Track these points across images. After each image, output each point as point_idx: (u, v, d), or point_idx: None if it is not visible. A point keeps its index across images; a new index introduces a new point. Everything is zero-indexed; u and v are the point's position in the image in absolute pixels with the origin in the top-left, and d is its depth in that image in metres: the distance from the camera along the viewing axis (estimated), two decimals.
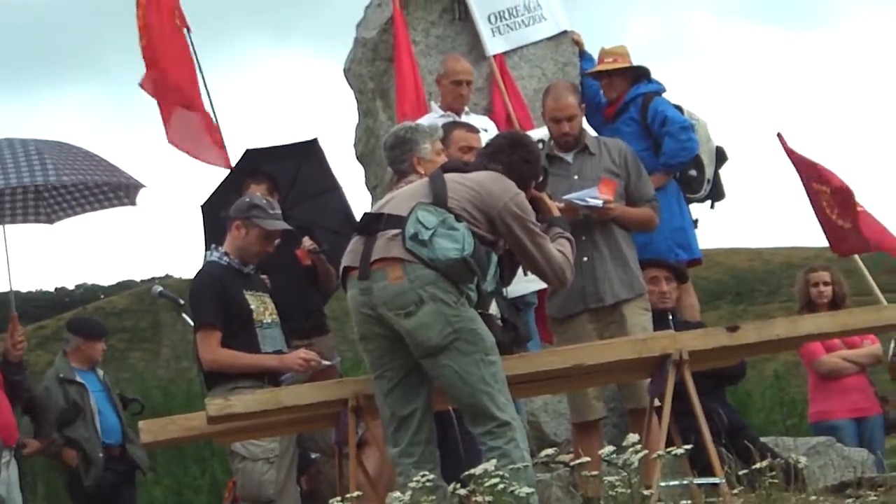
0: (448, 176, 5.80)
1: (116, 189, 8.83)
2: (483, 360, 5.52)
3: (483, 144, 7.18)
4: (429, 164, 6.54)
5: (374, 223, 5.70)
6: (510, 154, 5.98)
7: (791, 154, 9.55)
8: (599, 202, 7.07)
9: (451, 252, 5.46)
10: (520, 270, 6.16)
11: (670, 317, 7.73)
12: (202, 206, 8.67)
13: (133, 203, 8.88)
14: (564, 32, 9.08)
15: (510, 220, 5.71)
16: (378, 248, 5.58)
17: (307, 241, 8.18)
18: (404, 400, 5.65)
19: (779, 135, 9.53)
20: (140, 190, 8.82)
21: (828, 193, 9.23)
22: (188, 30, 9.32)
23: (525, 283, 7.02)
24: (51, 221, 9.05)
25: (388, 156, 6.69)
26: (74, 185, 8.67)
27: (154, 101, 9.31)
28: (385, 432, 5.78)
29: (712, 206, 8.83)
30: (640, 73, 8.68)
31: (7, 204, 8.84)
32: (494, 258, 5.68)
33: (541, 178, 6.12)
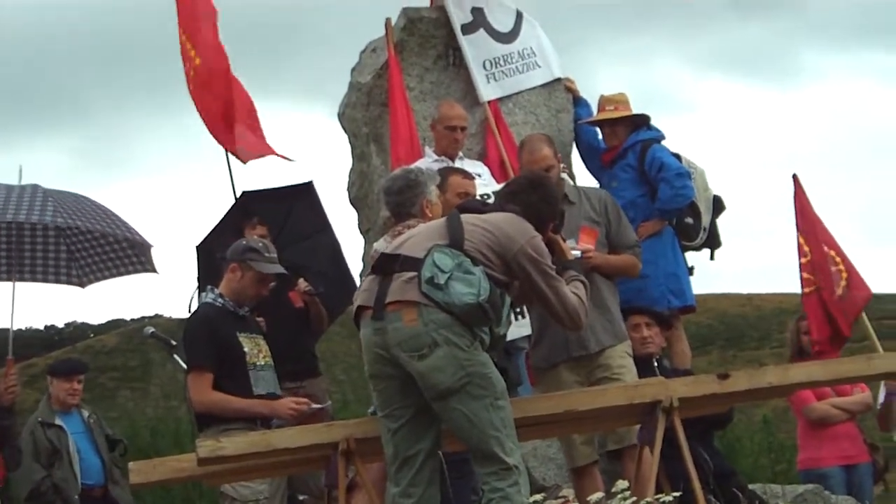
0: (465, 217, 5.79)
1: (133, 246, 8.96)
2: (493, 405, 5.52)
3: (478, 190, 7.22)
4: (435, 206, 6.60)
5: (390, 263, 5.68)
6: (530, 194, 5.99)
7: (801, 199, 9.46)
8: (578, 252, 7.04)
9: (466, 297, 5.46)
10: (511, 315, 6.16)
11: (655, 363, 7.69)
12: (198, 247, 8.69)
13: (154, 270, 9.06)
14: (558, 79, 9.11)
15: (526, 262, 5.72)
16: (394, 291, 5.58)
17: (302, 283, 8.19)
18: (410, 440, 5.64)
19: (794, 177, 9.48)
20: (151, 250, 8.98)
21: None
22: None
23: (515, 328, 7.02)
24: (83, 285, 9.19)
25: (395, 200, 6.69)
26: (91, 234, 8.79)
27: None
28: (388, 471, 5.77)
29: (712, 257, 8.82)
30: (641, 121, 8.72)
31: (39, 263, 9.03)
32: (508, 300, 5.69)
33: (557, 221, 6.11)
